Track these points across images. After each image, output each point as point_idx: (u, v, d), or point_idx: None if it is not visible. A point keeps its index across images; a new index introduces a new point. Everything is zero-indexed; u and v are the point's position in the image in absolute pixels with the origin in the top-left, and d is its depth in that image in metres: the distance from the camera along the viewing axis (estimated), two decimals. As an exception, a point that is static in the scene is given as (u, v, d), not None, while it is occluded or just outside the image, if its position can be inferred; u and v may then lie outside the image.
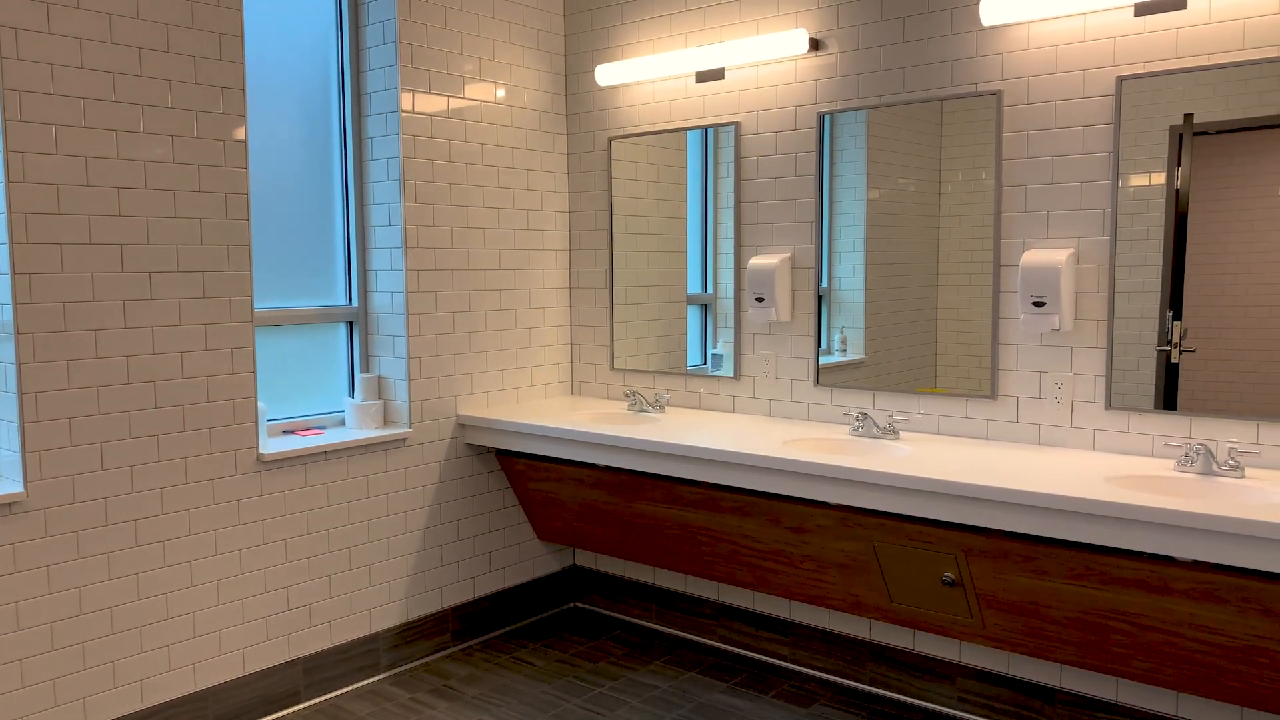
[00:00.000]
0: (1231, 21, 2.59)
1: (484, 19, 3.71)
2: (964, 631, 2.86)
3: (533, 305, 3.99)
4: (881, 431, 3.15)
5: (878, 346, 3.34)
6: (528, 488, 3.82)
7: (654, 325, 3.94)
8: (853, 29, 3.25)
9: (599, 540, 3.71)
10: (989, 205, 3.03)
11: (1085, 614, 2.58)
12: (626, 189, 3.94)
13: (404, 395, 3.54)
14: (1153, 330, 2.77)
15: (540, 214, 3.99)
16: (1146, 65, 2.72)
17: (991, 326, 3.05)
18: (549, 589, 4.09)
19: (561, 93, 4.04)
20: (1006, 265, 3.01)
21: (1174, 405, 2.74)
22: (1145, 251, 2.78)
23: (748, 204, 3.58)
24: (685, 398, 3.82)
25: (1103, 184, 2.81)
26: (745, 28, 3.50)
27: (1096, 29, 2.79)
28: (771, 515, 3.07)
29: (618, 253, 3.98)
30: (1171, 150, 2.71)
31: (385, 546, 3.50)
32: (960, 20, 3.03)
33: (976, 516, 2.55)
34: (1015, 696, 3.05)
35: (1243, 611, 2.33)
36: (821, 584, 3.11)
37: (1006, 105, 2.96)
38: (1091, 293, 2.86)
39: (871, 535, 2.88)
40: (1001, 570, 2.67)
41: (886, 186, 3.27)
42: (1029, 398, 2.99)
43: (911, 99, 3.14)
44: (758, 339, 3.60)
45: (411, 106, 3.48)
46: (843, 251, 3.40)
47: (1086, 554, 2.48)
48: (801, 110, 3.40)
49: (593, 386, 4.10)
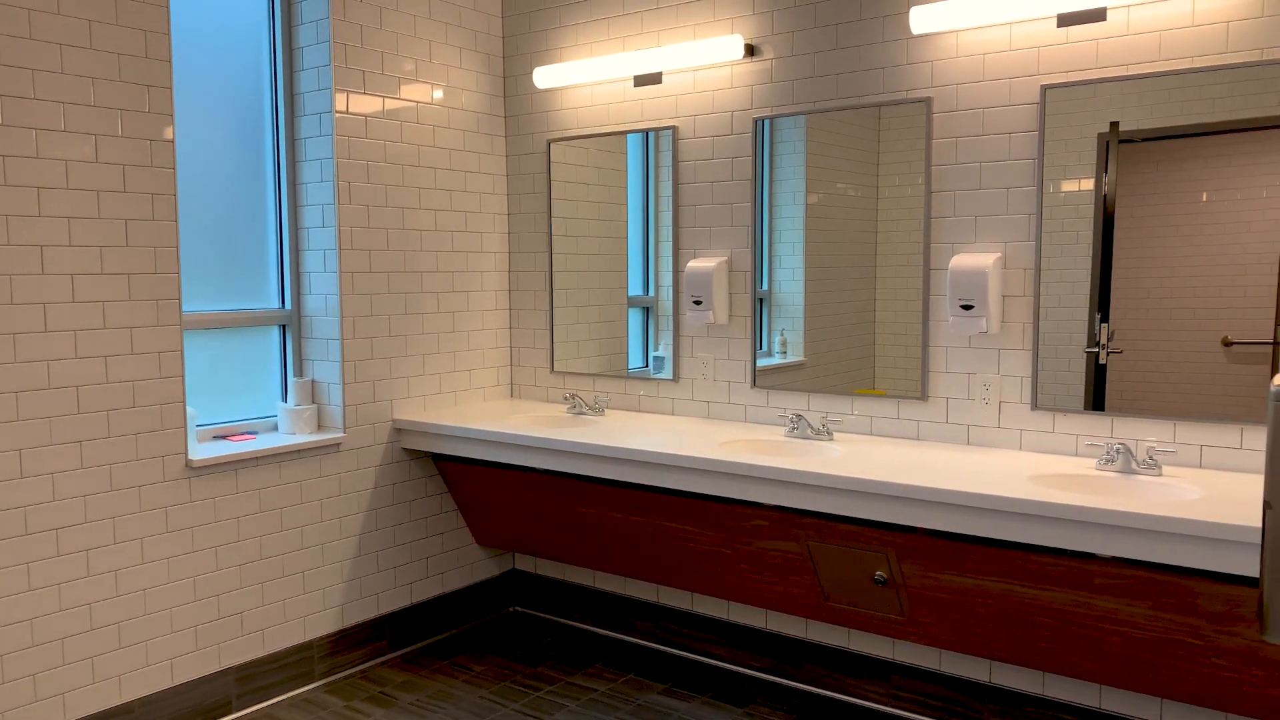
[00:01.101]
0: (1149, 34, 2.67)
1: (420, 20, 3.68)
2: (896, 629, 2.91)
3: (471, 308, 3.96)
4: (815, 432, 3.19)
5: (817, 348, 3.38)
6: (466, 492, 3.80)
7: (595, 328, 3.94)
8: (787, 35, 3.29)
9: (538, 544, 3.70)
10: (921, 210, 3.08)
11: (1012, 610, 2.64)
12: (566, 191, 3.94)
13: (338, 399, 3.49)
14: (1083, 332, 2.84)
15: (479, 216, 3.97)
16: (1069, 74, 2.80)
17: (921, 329, 3.11)
18: (488, 594, 4.07)
19: (500, 94, 4.03)
20: (936, 269, 3.07)
21: (1102, 405, 2.81)
22: (1075, 255, 2.86)
23: (686, 207, 3.60)
24: (625, 400, 3.82)
25: (1028, 190, 2.88)
26: (682, 32, 3.52)
27: (1022, 38, 2.86)
28: (708, 517, 3.09)
29: (558, 255, 3.98)
30: (1100, 157, 2.79)
31: (319, 553, 3.45)
32: (891, 28, 3.08)
33: (906, 516, 2.59)
34: (947, 693, 3.11)
35: (1159, 605, 2.40)
36: (758, 584, 3.14)
37: (936, 112, 3.02)
38: (1018, 296, 2.92)
39: (805, 535, 2.91)
40: (931, 568, 2.72)
41: (826, 191, 3.32)
42: (958, 399, 3.05)
43: (845, 105, 3.19)
44: (696, 342, 3.62)
45: (346, 107, 3.44)
46: (783, 255, 3.44)
47: (1012, 552, 2.54)
48: (738, 115, 3.43)
49: (533, 389, 4.09)
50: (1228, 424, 2.63)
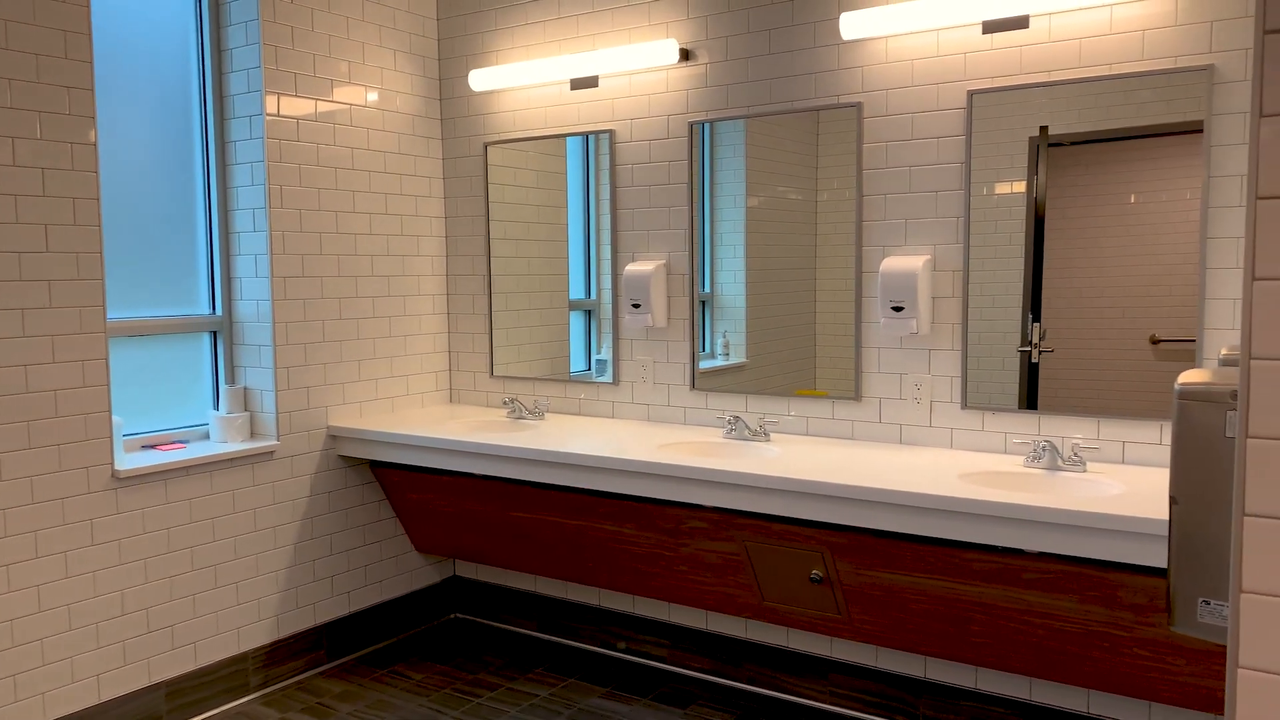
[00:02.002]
0: (1069, 41, 2.74)
1: (353, 22, 3.64)
2: (833, 627, 2.94)
3: (408, 312, 3.92)
4: (753, 434, 3.21)
5: (759, 350, 3.41)
6: (404, 499, 3.76)
7: (536, 331, 3.93)
8: (721, 40, 3.31)
9: (479, 550, 3.68)
10: (869, 213, 3.12)
11: (944, 607, 2.69)
12: (505, 194, 3.92)
13: (271, 406, 3.44)
14: (1017, 332, 2.91)
15: (415, 219, 3.93)
16: (994, 80, 2.86)
17: (854, 330, 3.15)
18: (428, 601, 4.03)
19: (436, 97, 4.00)
20: (868, 271, 3.11)
21: (1035, 404, 2.88)
22: (1008, 257, 2.92)
23: (624, 211, 3.60)
24: (565, 404, 3.82)
25: (957, 193, 2.94)
26: (618, 36, 3.53)
27: (949, 45, 2.92)
28: (648, 519, 3.10)
29: (496, 259, 3.96)
30: (1031, 160, 2.85)
31: (253, 563, 3.39)
32: (822, 34, 3.12)
33: (840, 515, 2.63)
34: (884, 689, 3.15)
35: (1085, 599, 2.46)
36: (698, 585, 3.16)
37: (866, 117, 3.07)
38: (948, 297, 2.98)
39: (743, 536, 2.93)
40: (865, 566, 2.75)
41: (766, 194, 3.35)
42: (890, 398, 3.10)
43: (778, 110, 3.22)
44: (635, 345, 3.62)
45: (277, 109, 3.39)
46: (724, 257, 3.46)
47: (943, 549, 2.59)
48: (674, 119, 3.45)
49: (472, 394, 4.06)
50: (1150, 420, 2.71)
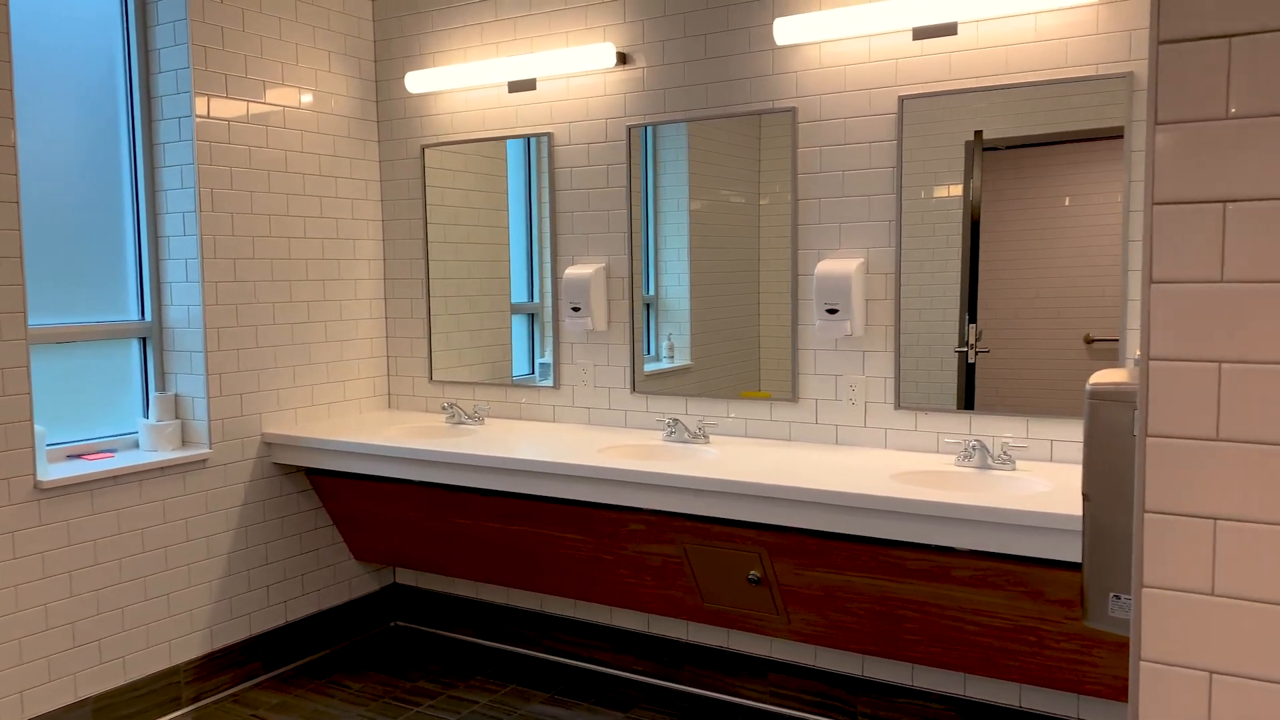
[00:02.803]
0: (996, 48, 2.79)
1: (286, 22, 3.58)
2: (772, 628, 2.97)
3: (345, 317, 3.87)
4: (692, 436, 3.23)
5: (704, 352, 3.42)
6: (342, 507, 3.71)
7: (477, 335, 3.90)
8: (658, 44, 3.32)
9: (419, 557, 3.64)
10: (804, 217, 3.15)
11: (879, 605, 2.72)
12: (444, 197, 3.89)
13: (203, 414, 3.37)
14: (954, 333, 2.95)
15: (351, 222, 3.88)
16: (925, 86, 2.90)
17: (791, 333, 3.18)
18: (368, 609, 3.98)
19: (372, 99, 3.95)
20: (804, 274, 3.14)
21: (972, 404, 2.92)
22: (946, 259, 2.96)
23: (563, 214, 3.60)
24: (506, 408, 3.80)
25: (889, 197, 2.98)
26: (555, 39, 3.52)
27: (880, 51, 2.96)
28: (588, 523, 3.10)
29: (435, 262, 3.92)
30: (967, 164, 2.90)
31: (185, 574, 3.32)
32: (757, 39, 3.14)
33: (776, 516, 2.65)
34: (822, 688, 3.18)
35: (1013, 595, 2.51)
36: (638, 588, 3.16)
37: (801, 121, 3.10)
38: (881, 300, 3.02)
39: (682, 538, 2.94)
40: (801, 566, 2.78)
41: (709, 197, 3.36)
42: (826, 400, 3.13)
43: (714, 114, 3.24)
44: (576, 348, 3.62)
45: (207, 111, 3.32)
46: (669, 260, 3.47)
47: (876, 548, 2.62)
48: (612, 123, 3.45)
49: (411, 400, 4.02)
50: (1078, 419, 2.77)
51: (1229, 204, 1.03)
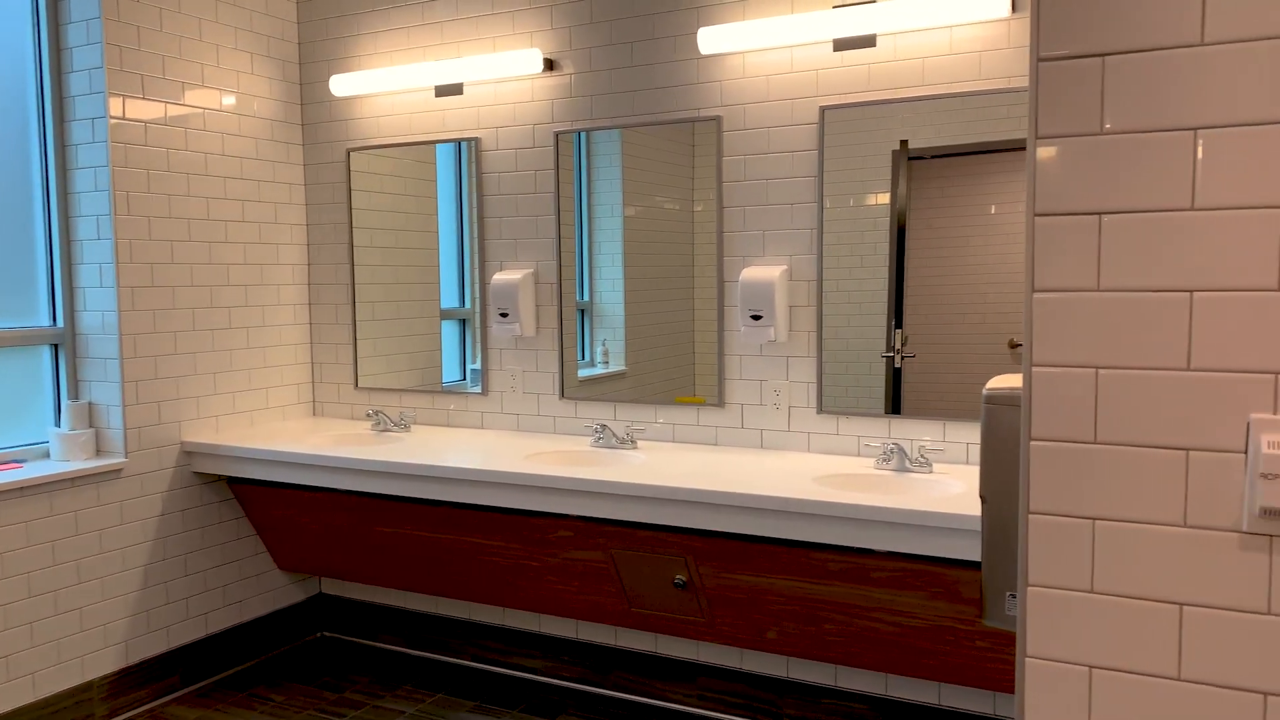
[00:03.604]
0: (913, 60, 2.86)
1: (206, 23, 3.51)
2: (698, 631, 2.99)
3: (268, 323, 3.80)
4: (620, 442, 3.24)
5: (639, 357, 3.43)
6: (265, 516, 3.64)
7: (406, 341, 3.86)
8: (585, 51, 3.33)
9: (345, 566, 3.59)
10: (729, 225, 3.18)
11: (801, 607, 2.76)
12: (370, 201, 3.84)
13: (118, 422, 3.28)
14: (883, 339, 3.01)
15: (274, 227, 3.82)
16: (845, 97, 2.96)
17: (717, 338, 3.21)
18: (293, 620, 3.91)
19: (296, 102, 3.89)
20: (729, 281, 3.18)
21: (899, 408, 2.98)
22: (875, 266, 3.02)
23: (491, 219, 3.58)
24: (434, 415, 3.77)
25: (811, 205, 3.03)
26: (482, 44, 3.51)
27: (802, 61, 3.01)
28: (514, 530, 3.08)
29: (361, 267, 3.87)
30: (894, 173, 2.96)
31: (99, 587, 3.22)
32: (682, 48, 3.17)
33: (700, 520, 2.67)
34: (749, 690, 3.21)
35: (930, 595, 2.57)
36: (566, 595, 3.15)
37: (725, 130, 3.13)
38: (804, 306, 3.07)
39: (609, 544, 2.95)
40: (726, 570, 2.80)
41: (644, 203, 3.37)
42: (752, 404, 3.17)
43: (641, 121, 3.26)
44: (504, 354, 3.61)
45: (122, 112, 3.24)
46: (603, 266, 3.47)
47: (798, 550, 2.66)
48: (540, 128, 3.45)
49: (336, 407, 3.97)
50: (989, 423, 2.84)
51: (1104, 216, 1.07)
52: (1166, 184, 1.04)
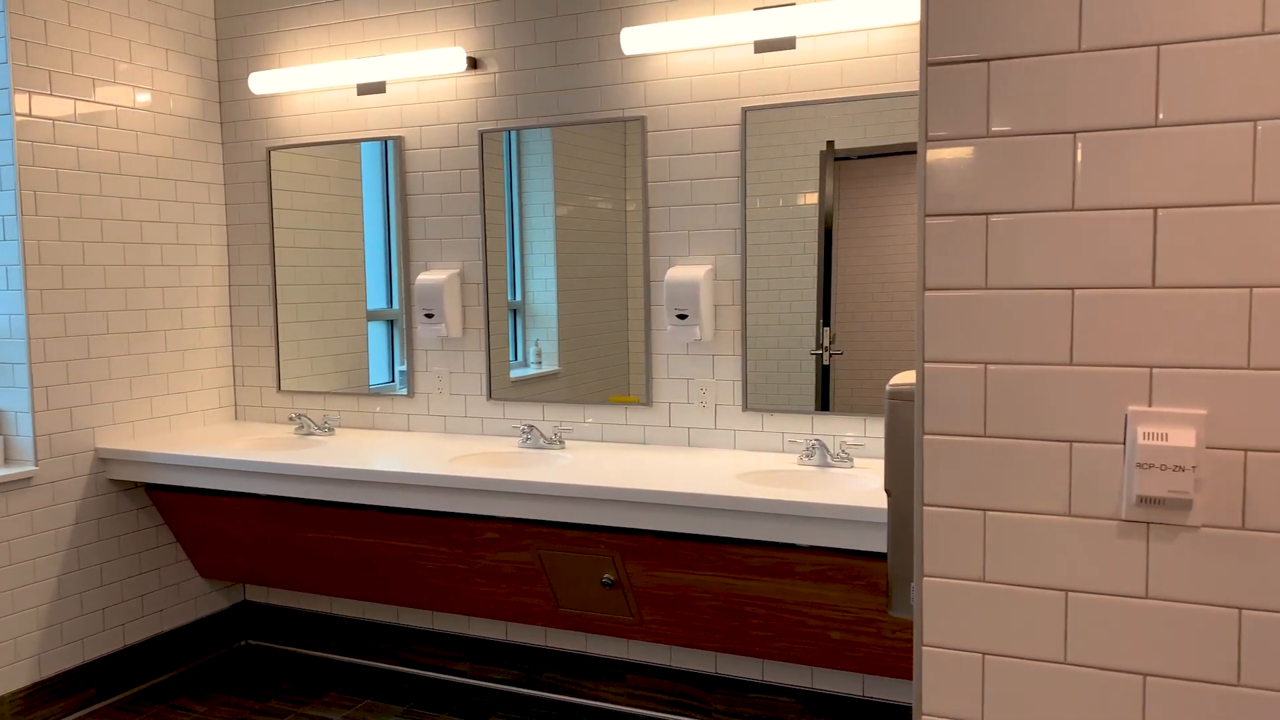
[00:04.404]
0: (832, 62, 2.91)
1: (118, 18, 3.42)
2: (627, 630, 3.00)
3: (186, 325, 3.71)
4: (548, 442, 3.23)
5: (572, 357, 3.42)
6: (185, 523, 3.56)
7: (332, 343, 3.80)
8: (509, 50, 3.32)
9: (269, 573, 3.52)
10: (655, 224, 3.20)
11: (727, 603, 2.79)
12: (293, 201, 3.78)
13: (28, 429, 3.17)
14: (812, 336, 3.04)
15: (193, 227, 3.73)
16: (766, 98, 2.99)
17: (645, 338, 3.22)
18: (216, 628, 3.82)
19: (215, 99, 3.81)
20: (655, 281, 3.19)
21: (828, 405, 3.02)
22: (804, 265, 3.05)
23: (415, 219, 3.55)
24: (358, 418, 3.72)
25: (734, 205, 3.06)
26: (405, 43, 3.47)
27: (724, 63, 3.04)
28: (441, 533, 3.06)
29: (284, 268, 3.81)
30: (822, 173, 3.00)
31: (8, 600, 3.12)
32: (606, 48, 3.18)
33: (627, 519, 2.68)
34: (678, 687, 3.23)
35: (852, 588, 2.61)
36: (494, 597, 3.14)
37: (650, 131, 3.15)
38: (729, 305, 3.10)
39: (536, 544, 2.94)
40: (653, 568, 2.82)
41: (576, 203, 3.37)
42: (679, 403, 3.19)
43: (565, 121, 3.26)
44: (430, 355, 3.57)
45: (28, 109, 3.14)
46: (535, 266, 3.46)
47: (722, 546, 2.68)
48: (464, 127, 3.42)
49: (258, 411, 3.89)
50: (908, 418, 2.90)
51: (991, 216, 1.10)
52: (1048, 185, 1.08)
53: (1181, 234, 1.04)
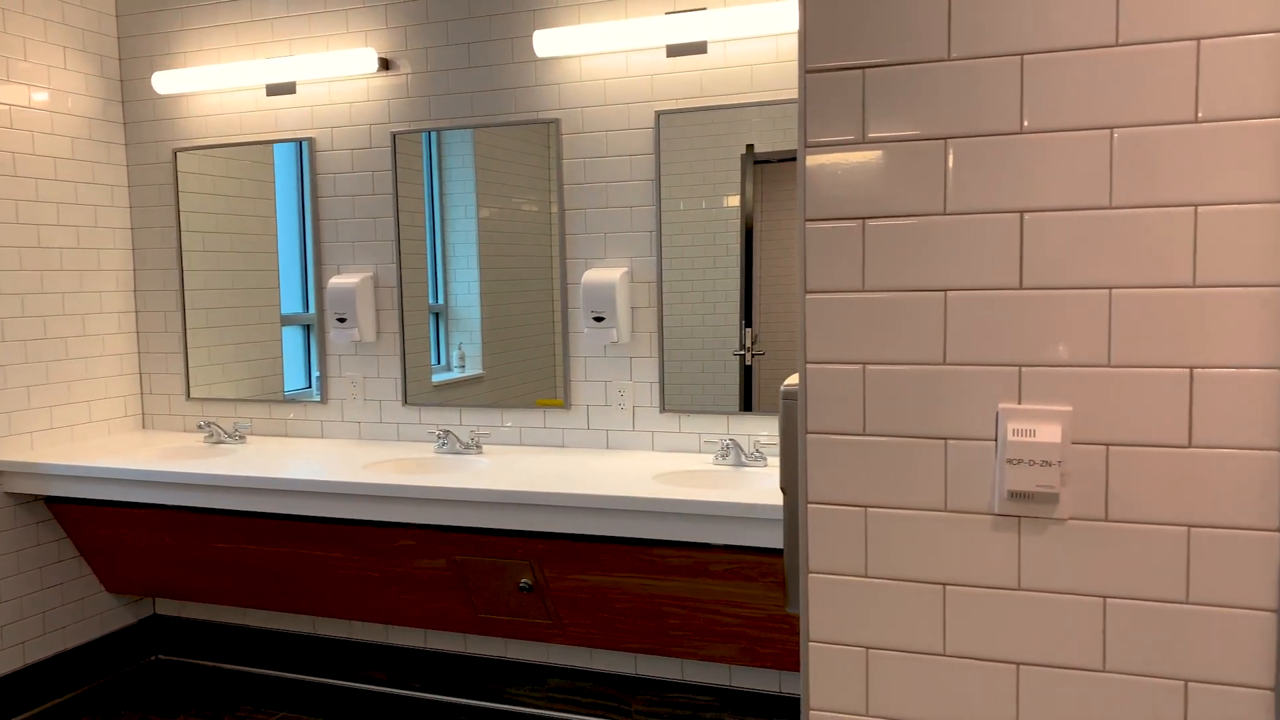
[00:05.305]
0: (742, 67, 2.94)
1: (10, 13, 3.29)
2: (547, 634, 2.99)
3: (90, 332, 3.59)
4: (465, 447, 3.21)
5: (497, 361, 3.39)
6: (89, 537, 3.44)
7: (244, 349, 3.72)
8: (421, 51, 3.29)
9: (180, 586, 3.43)
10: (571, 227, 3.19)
11: (645, 604, 2.80)
12: (203, 204, 3.68)
13: (-84, 442, 3.04)
14: (736, 337, 3.07)
15: (94, 231, 3.61)
16: (680, 101, 3.01)
17: (562, 340, 3.22)
18: (124, 644, 3.71)
19: (117, 99, 3.69)
20: (572, 283, 3.19)
21: (751, 405, 3.04)
22: (727, 266, 3.08)
23: (327, 222, 3.49)
24: (271, 425, 3.64)
25: (649, 208, 3.07)
26: (315, 43, 3.42)
27: (637, 66, 3.05)
28: (356, 541, 3.01)
29: (193, 272, 3.71)
30: (743, 176, 3.02)
31: (-104, 621, 2.98)
32: (519, 50, 3.17)
33: (543, 522, 2.67)
34: (599, 689, 3.23)
35: (766, 586, 2.64)
36: (411, 605, 3.10)
37: (565, 133, 3.15)
38: (645, 307, 3.11)
39: (452, 551, 2.92)
40: (570, 571, 2.82)
41: (500, 205, 3.34)
42: (597, 405, 3.19)
43: (478, 123, 3.24)
44: (344, 360, 3.52)
45: (-87, 108, 3.01)
46: (457, 268, 3.42)
47: (639, 547, 2.69)
48: (376, 128, 3.38)
49: (167, 419, 3.79)
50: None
51: (868, 221, 1.13)
52: (922, 190, 1.11)
53: (1046, 237, 1.07)
